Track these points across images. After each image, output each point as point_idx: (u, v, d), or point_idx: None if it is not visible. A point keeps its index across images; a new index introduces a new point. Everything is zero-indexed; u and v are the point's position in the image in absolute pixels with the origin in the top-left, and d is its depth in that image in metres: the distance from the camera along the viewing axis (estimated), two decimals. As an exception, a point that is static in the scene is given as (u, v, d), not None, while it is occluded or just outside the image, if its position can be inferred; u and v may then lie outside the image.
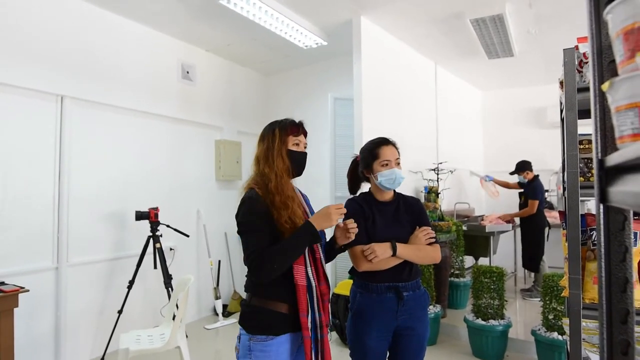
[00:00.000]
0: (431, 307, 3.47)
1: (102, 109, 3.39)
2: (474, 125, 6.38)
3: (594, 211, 0.74)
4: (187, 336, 2.91)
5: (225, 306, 4.38)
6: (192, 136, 4.25)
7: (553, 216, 4.82)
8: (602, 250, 0.68)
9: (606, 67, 0.69)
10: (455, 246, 4.25)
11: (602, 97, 0.68)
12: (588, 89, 0.75)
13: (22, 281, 2.63)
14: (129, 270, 3.34)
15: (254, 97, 5.10)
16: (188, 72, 4.19)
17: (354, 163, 1.86)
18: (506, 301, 3.17)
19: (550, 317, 2.88)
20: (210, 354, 3.49)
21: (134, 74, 3.64)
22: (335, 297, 3.40)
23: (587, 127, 0.96)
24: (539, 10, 3.56)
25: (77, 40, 3.20)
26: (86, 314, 3.23)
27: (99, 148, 3.35)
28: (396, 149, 1.75)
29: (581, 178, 1.36)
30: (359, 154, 1.82)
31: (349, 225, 1.47)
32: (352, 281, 1.78)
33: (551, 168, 5.30)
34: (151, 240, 3.31)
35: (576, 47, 1.37)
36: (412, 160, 4.18)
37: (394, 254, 1.60)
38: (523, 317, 4.07)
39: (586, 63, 1.36)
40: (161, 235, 3.35)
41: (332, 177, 4.36)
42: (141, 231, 3.44)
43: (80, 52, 3.22)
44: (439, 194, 4.34)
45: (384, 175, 1.68)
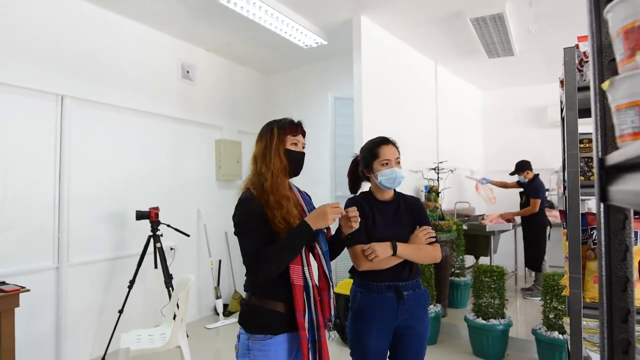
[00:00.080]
0: (432, 306, 3.47)
1: (102, 108, 3.39)
2: (474, 124, 6.37)
3: (595, 210, 0.74)
4: (187, 336, 2.92)
5: (225, 306, 4.39)
6: (193, 136, 4.25)
7: (553, 215, 4.82)
8: (603, 249, 0.68)
9: (606, 66, 0.69)
10: (455, 245, 4.25)
11: (602, 96, 0.68)
12: (588, 87, 0.75)
13: (23, 281, 2.63)
14: (129, 270, 3.34)
15: (254, 97, 5.10)
16: (188, 72, 4.19)
17: (354, 162, 1.86)
18: (507, 300, 3.17)
19: (551, 316, 2.88)
20: (211, 353, 3.49)
21: (134, 74, 3.64)
22: (336, 297, 3.39)
23: (587, 126, 0.95)
24: (539, 9, 3.56)
25: (77, 40, 3.20)
26: (87, 313, 3.24)
27: (99, 148, 3.35)
28: (396, 148, 1.75)
29: (582, 177, 1.36)
30: (359, 153, 1.82)
31: (350, 214, 1.46)
32: (353, 280, 1.78)
33: (551, 167, 5.29)
34: (152, 240, 3.31)
35: (576, 46, 1.37)
36: (413, 160, 4.18)
37: (394, 253, 1.60)
38: (524, 317, 4.07)
39: (586, 62, 1.36)
40: (162, 235, 3.35)
41: (333, 176, 4.36)
42: (142, 231, 3.44)
43: (80, 52, 3.22)
44: (439, 193, 4.34)
45: (384, 175, 1.68)
